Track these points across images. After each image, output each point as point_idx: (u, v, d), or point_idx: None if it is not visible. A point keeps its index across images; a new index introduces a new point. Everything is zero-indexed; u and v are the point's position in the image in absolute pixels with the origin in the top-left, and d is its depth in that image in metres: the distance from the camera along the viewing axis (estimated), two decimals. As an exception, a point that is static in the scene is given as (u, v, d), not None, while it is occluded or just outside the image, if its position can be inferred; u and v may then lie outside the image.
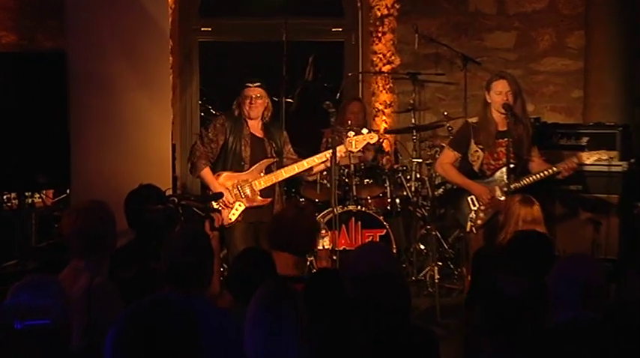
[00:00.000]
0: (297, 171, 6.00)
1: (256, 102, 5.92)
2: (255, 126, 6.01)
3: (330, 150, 5.75)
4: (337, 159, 5.82)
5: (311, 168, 6.05)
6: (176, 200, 4.39)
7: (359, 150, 6.18)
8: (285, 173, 5.97)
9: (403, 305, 3.31)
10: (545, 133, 6.72)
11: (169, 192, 4.56)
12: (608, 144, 6.36)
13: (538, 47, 8.54)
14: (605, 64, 8.08)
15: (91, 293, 3.65)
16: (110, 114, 5.76)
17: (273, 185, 5.98)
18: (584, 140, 6.65)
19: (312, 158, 6.01)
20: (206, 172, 5.90)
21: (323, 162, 5.99)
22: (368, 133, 6.09)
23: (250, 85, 5.94)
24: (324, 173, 6.56)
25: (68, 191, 6.25)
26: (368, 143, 6.15)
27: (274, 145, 6.04)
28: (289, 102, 6.94)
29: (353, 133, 6.05)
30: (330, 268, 5.15)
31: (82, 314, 3.61)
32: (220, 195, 5.70)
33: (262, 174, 5.94)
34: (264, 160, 5.97)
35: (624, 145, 6.57)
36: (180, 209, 4.35)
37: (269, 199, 5.94)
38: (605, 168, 6.37)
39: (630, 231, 6.42)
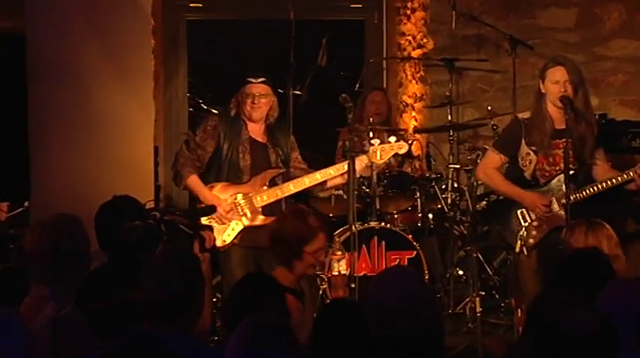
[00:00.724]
0: (307, 185, 5.98)
1: (260, 101, 5.88)
2: (256, 130, 5.98)
3: (348, 161, 5.74)
4: (357, 171, 5.83)
5: (324, 182, 6.06)
6: (158, 215, 4.40)
7: (384, 162, 6.21)
8: (293, 187, 5.95)
9: (435, 344, 3.32)
10: (612, 133, 6.72)
11: (150, 205, 4.57)
12: (690, 145, 6.39)
13: (604, 27, 8.54)
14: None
15: (58, 326, 3.68)
16: (78, 110, 5.80)
17: (279, 201, 5.96)
18: (662, 141, 6.68)
19: (326, 170, 5.99)
20: (193, 180, 5.85)
21: (340, 175, 5.97)
22: (396, 142, 6.10)
23: (253, 80, 5.88)
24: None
25: (26, 203, 6.28)
26: (396, 153, 6.17)
27: (280, 153, 6.02)
28: (298, 94, 6.96)
29: (378, 141, 6.05)
30: (346, 298, 5.18)
31: (46, 351, 3.63)
32: (212, 208, 5.67)
33: (265, 188, 5.93)
34: (269, 171, 5.95)
35: None
36: (164, 226, 4.36)
37: (273, 218, 5.82)
38: (686, 175, 6.36)
39: None
